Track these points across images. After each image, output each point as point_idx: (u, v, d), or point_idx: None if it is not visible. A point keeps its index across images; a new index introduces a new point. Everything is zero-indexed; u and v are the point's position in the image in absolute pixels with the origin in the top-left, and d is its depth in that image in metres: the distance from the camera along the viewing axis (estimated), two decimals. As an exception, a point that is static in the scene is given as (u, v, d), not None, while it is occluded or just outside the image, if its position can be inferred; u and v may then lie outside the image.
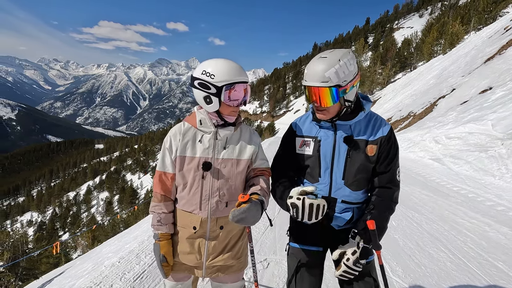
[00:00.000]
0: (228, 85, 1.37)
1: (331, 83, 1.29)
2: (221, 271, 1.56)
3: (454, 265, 2.97)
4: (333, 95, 1.30)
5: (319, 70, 1.29)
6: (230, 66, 1.38)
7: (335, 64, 1.28)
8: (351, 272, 1.37)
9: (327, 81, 1.29)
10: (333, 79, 1.28)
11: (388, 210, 1.42)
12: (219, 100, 1.39)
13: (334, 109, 1.37)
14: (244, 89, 1.42)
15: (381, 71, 46.90)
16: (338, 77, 1.28)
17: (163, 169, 1.49)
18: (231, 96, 1.39)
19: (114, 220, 24.61)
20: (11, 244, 15.57)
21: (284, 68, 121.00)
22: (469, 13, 41.40)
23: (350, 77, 1.32)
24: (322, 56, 1.32)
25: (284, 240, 3.61)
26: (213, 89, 1.37)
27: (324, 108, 1.36)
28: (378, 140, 1.41)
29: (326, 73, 1.28)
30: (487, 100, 10.29)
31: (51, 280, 5.10)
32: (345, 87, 1.31)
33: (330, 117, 1.41)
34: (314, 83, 1.31)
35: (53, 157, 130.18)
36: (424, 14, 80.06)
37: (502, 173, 5.85)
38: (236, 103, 1.43)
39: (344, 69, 1.29)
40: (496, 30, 24.05)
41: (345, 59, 1.30)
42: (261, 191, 1.42)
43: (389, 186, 1.43)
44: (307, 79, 1.34)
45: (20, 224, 55.79)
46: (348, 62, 1.31)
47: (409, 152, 9.38)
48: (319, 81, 1.30)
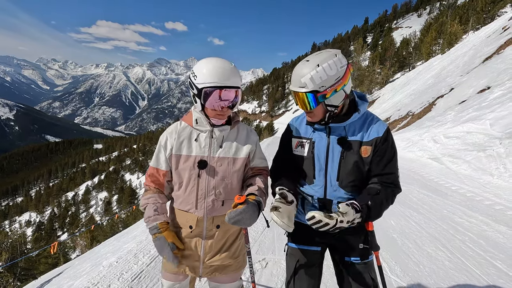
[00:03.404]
0: (210, 88, 1.32)
1: (307, 89, 1.30)
2: (219, 270, 1.55)
3: (453, 264, 2.97)
4: (310, 100, 1.31)
5: (298, 75, 1.32)
6: (217, 68, 1.31)
7: (312, 70, 1.28)
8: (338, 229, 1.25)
9: (303, 86, 1.31)
10: (309, 85, 1.29)
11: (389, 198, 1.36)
12: (201, 101, 1.37)
13: (319, 112, 1.37)
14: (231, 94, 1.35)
15: (380, 70, 46.96)
16: (314, 83, 1.28)
17: (156, 165, 1.50)
18: (212, 100, 1.33)
19: (113, 220, 24.57)
20: (10, 244, 15.51)
21: (283, 68, 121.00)
22: (468, 13, 41.45)
23: (330, 82, 1.29)
24: (306, 60, 1.33)
25: (282, 239, 3.60)
26: (195, 89, 1.36)
27: (309, 111, 1.38)
28: (373, 141, 1.37)
29: (302, 79, 1.30)
30: (486, 99, 10.31)
31: (50, 280, 5.08)
32: (323, 92, 1.30)
33: (317, 120, 1.40)
34: (294, 87, 1.36)
35: (52, 157, 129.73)
36: (422, 14, 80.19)
37: (501, 172, 5.86)
38: (219, 106, 1.36)
39: (321, 74, 1.27)
40: (494, 29, 24.13)
41: (325, 64, 1.28)
42: (258, 191, 1.40)
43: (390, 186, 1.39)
44: (291, 83, 1.38)
45: (18, 224, 55.56)
46: (329, 67, 1.28)
47: (407, 152, 9.39)
48: (297, 86, 1.34)
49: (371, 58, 51.70)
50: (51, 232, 43.70)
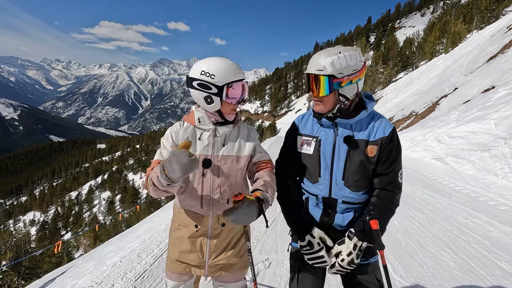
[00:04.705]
0: (235, 82, 1.39)
1: (325, 72, 1.30)
2: (224, 269, 1.55)
3: (457, 265, 2.94)
4: (325, 84, 1.31)
5: (318, 59, 1.33)
6: (228, 64, 1.39)
7: (333, 55, 1.30)
8: (343, 271, 1.40)
9: (322, 69, 1.31)
10: (328, 68, 1.29)
11: (388, 212, 1.39)
12: (221, 99, 1.39)
13: (329, 101, 1.37)
14: (242, 86, 1.44)
15: (383, 70, 46.75)
16: (333, 67, 1.29)
17: (161, 158, 1.43)
18: (230, 95, 1.41)
19: (116, 219, 24.67)
20: (14, 243, 15.65)
21: (286, 68, 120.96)
22: (472, 12, 41.13)
23: (348, 71, 1.31)
24: (328, 48, 1.35)
25: (285, 239, 3.60)
26: (214, 89, 1.37)
27: (319, 98, 1.38)
28: (378, 140, 1.36)
29: (322, 62, 1.30)
30: (490, 99, 10.22)
31: (54, 279, 5.11)
32: (340, 79, 1.30)
33: (325, 110, 1.39)
34: (310, 70, 1.36)
35: (55, 157, 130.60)
36: (426, 13, 79.77)
37: (505, 173, 5.81)
38: (235, 101, 1.44)
39: (342, 61, 1.29)
40: (499, 29, 23.94)
41: (347, 52, 1.31)
42: (264, 187, 1.38)
43: (389, 188, 1.39)
44: (307, 67, 1.38)
45: (22, 224, 55.97)
46: (349, 57, 1.30)
47: (411, 152, 9.34)
48: (314, 69, 1.33)
49: (374, 57, 51.47)
50: (55, 231, 43.98)
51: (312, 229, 1.44)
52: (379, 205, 1.38)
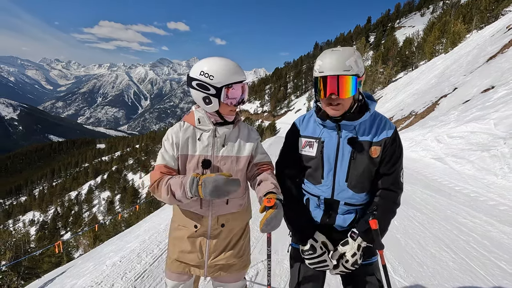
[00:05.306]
0: (234, 83, 1.38)
1: (353, 72, 1.26)
2: (223, 270, 1.55)
3: (457, 265, 2.95)
4: (353, 84, 1.26)
5: (340, 59, 1.25)
6: (229, 65, 1.37)
7: (353, 54, 1.28)
8: (347, 271, 1.41)
9: (348, 69, 1.25)
10: (354, 68, 1.26)
11: (390, 212, 1.40)
12: (219, 100, 1.39)
13: (348, 103, 1.33)
14: (241, 87, 1.43)
15: (383, 70, 46.77)
16: (358, 66, 1.27)
17: (164, 162, 1.43)
18: (230, 96, 1.39)
19: (115, 219, 24.66)
20: (13, 243, 15.65)
21: (285, 68, 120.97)
22: (471, 12, 41.15)
23: (363, 70, 1.32)
24: (335, 49, 1.31)
25: (285, 240, 3.59)
26: (212, 90, 1.37)
27: (339, 101, 1.29)
28: (382, 141, 1.36)
29: (347, 62, 1.25)
30: (490, 99, 10.23)
31: (53, 279, 5.10)
32: (361, 78, 1.30)
33: (343, 112, 1.34)
34: (335, 72, 1.25)
35: (55, 156, 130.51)
36: (425, 13, 79.87)
37: (505, 173, 5.81)
38: (235, 102, 1.43)
39: (359, 60, 1.29)
40: (499, 28, 23.96)
41: (357, 52, 1.32)
42: (276, 189, 1.38)
43: (392, 189, 1.39)
44: (325, 69, 1.27)
45: (22, 224, 55.91)
46: (359, 56, 1.31)
47: (411, 152, 9.34)
48: (341, 70, 1.25)
49: (374, 57, 51.54)
50: (55, 231, 43.92)
51: (314, 233, 1.44)
52: (382, 205, 1.38)
